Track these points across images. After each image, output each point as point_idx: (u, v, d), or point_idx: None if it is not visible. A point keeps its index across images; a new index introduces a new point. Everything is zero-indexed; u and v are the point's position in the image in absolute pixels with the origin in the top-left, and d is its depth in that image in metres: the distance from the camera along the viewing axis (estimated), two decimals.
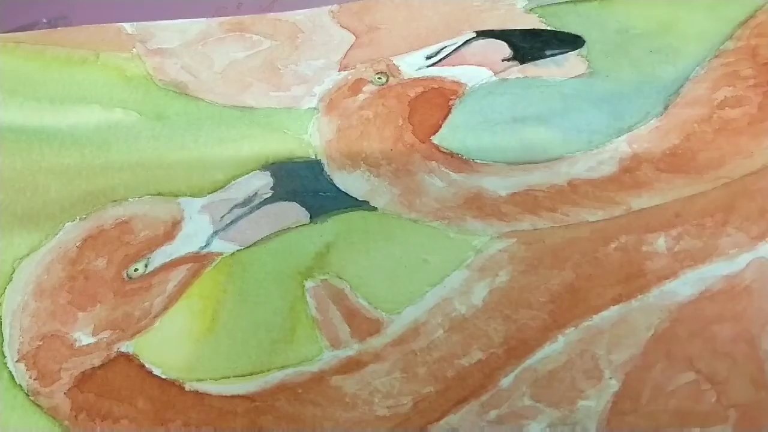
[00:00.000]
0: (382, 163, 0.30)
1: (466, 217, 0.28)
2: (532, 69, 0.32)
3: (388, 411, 0.25)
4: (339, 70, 0.33)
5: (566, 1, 0.34)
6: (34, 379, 0.26)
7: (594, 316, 0.26)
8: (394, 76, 0.32)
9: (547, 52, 0.33)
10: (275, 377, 0.26)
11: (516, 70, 0.32)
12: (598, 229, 0.28)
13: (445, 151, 0.30)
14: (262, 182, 0.30)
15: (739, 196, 0.28)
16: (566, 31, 0.33)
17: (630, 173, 0.29)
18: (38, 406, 0.26)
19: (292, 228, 0.29)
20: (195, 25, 0.35)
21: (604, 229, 0.28)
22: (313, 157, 0.31)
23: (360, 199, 0.29)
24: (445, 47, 0.33)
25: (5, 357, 0.27)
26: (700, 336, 0.25)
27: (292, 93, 0.33)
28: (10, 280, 0.28)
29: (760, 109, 0.30)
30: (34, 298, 0.28)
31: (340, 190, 0.30)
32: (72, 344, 0.27)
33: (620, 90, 0.31)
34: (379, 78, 0.32)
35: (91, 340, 0.27)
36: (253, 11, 0.35)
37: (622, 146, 0.29)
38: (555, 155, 0.30)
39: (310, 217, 0.29)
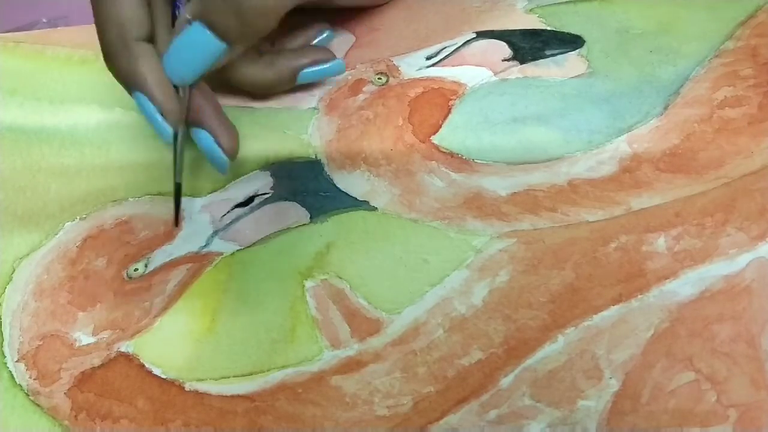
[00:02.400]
0: (382, 163, 0.30)
1: (466, 217, 0.28)
2: (532, 69, 0.32)
3: (388, 411, 0.25)
4: None
5: (566, 1, 0.34)
6: (34, 379, 0.26)
7: (594, 316, 0.26)
8: (394, 77, 0.32)
9: (547, 52, 0.33)
10: (275, 377, 0.26)
11: (516, 70, 0.32)
12: (598, 229, 0.28)
13: (445, 151, 0.30)
14: (262, 182, 0.30)
15: (739, 196, 0.28)
16: (566, 31, 0.33)
17: (630, 173, 0.29)
18: (38, 406, 0.26)
19: (292, 228, 0.29)
20: None
21: (604, 229, 0.28)
22: (313, 157, 0.31)
23: (360, 199, 0.29)
24: (445, 47, 0.33)
25: (5, 357, 0.27)
26: (700, 336, 0.25)
27: (292, 93, 0.33)
28: (10, 280, 0.28)
29: (760, 109, 0.30)
30: (34, 298, 0.28)
31: (340, 190, 0.30)
32: (72, 344, 0.27)
33: (620, 90, 0.31)
34: (379, 78, 0.32)
35: (91, 339, 0.27)
36: None
37: (622, 146, 0.29)
38: (555, 155, 0.30)
39: (310, 217, 0.29)
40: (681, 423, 0.24)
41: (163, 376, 0.26)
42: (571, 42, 0.33)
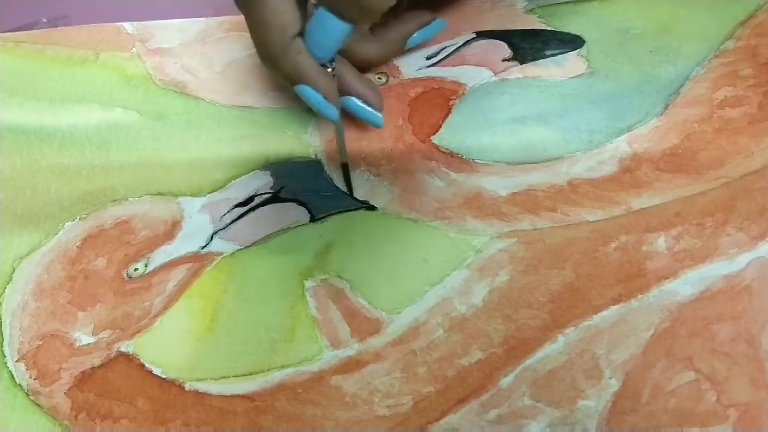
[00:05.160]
0: (382, 162, 0.30)
1: (466, 217, 0.28)
2: (532, 69, 0.32)
3: (388, 411, 0.25)
4: None
5: (566, 1, 0.34)
6: (34, 379, 0.26)
7: (594, 315, 0.26)
8: (394, 76, 0.32)
9: (547, 52, 0.33)
10: (275, 377, 0.26)
11: (516, 70, 0.32)
12: (598, 229, 0.28)
13: (445, 151, 0.30)
14: (262, 182, 0.30)
15: (739, 195, 0.28)
16: (566, 31, 0.33)
17: (630, 173, 0.29)
18: (38, 405, 0.26)
19: (292, 228, 0.29)
20: (195, 25, 0.35)
21: (604, 229, 0.28)
22: (313, 156, 0.31)
23: (360, 199, 0.29)
24: (445, 47, 0.33)
25: (5, 357, 0.27)
26: (700, 336, 0.25)
27: (292, 92, 0.33)
28: (10, 279, 0.28)
29: (760, 108, 0.30)
30: (34, 298, 0.28)
31: (340, 190, 0.30)
32: (72, 344, 0.27)
33: (620, 90, 0.31)
34: (380, 78, 0.32)
35: (91, 339, 0.27)
36: None
37: (622, 146, 0.30)
38: (555, 155, 0.30)
39: (310, 217, 0.29)
40: (681, 423, 0.24)
41: (163, 376, 0.26)
42: (570, 42, 0.33)
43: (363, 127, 0.31)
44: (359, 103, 0.29)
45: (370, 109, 0.30)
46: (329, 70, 0.27)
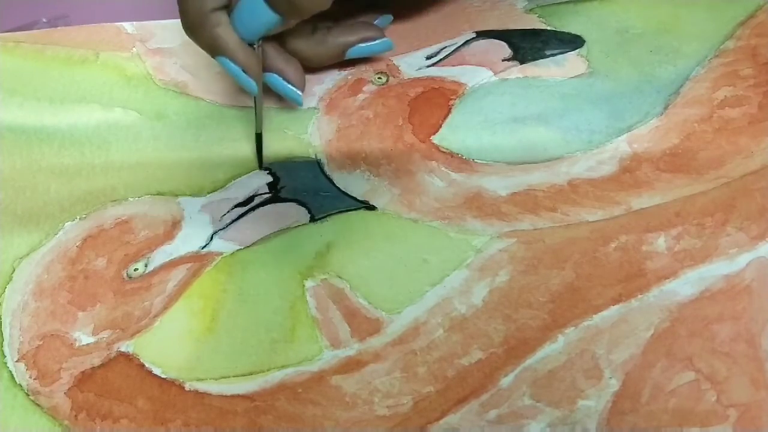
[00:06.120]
0: (382, 162, 0.30)
1: (466, 216, 0.28)
2: (532, 69, 0.32)
3: (388, 411, 0.25)
4: (339, 70, 0.33)
5: (566, 1, 0.34)
6: (34, 379, 0.26)
7: (594, 315, 0.26)
8: (394, 76, 0.32)
9: (547, 52, 0.33)
10: (275, 377, 0.26)
11: (516, 70, 0.32)
12: (598, 229, 0.28)
13: (445, 150, 0.30)
14: (262, 182, 0.30)
15: (739, 195, 0.28)
16: (566, 31, 0.33)
17: (630, 173, 0.29)
18: (38, 405, 0.26)
19: (292, 228, 0.29)
20: None
21: (604, 229, 0.28)
22: (313, 156, 0.31)
23: (360, 199, 0.29)
24: (445, 47, 0.33)
25: (5, 357, 0.27)
26: (700, 336, 0.25)
27: None
28: (10, 279, 0.28)
29: (760, 108, 0.30)
30: (34, 298, 0.28)
31: (340, 190, 0.30)
32: (72, 344, 0.27)
33: (620, 90, 0.31)
34: (379, 78, 0.32)
35: (91, 339, 0.27)
36: None
37: (622, 146, 0.30)
38: (555, 155, 0.30)
39: (310, 217, 0.29)
40: (681, 423, 0.24)
41: (163, 376, 0.26)
42: (571, 42, 0.33)
43: (363, 127, 0.31)
44: (279, 79, 0.30)
45: (288, 85, 0.30)
46: (255, 46, 0.28)
